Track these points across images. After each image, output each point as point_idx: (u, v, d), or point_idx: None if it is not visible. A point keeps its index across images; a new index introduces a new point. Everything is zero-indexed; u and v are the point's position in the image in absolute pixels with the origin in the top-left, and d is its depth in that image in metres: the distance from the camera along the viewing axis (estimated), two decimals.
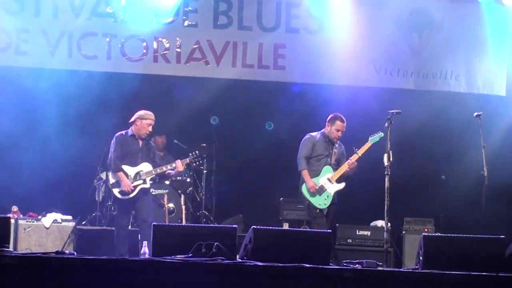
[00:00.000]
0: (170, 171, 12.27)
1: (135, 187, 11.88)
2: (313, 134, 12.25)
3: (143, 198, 12.02)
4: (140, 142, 12.08)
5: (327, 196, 11.88)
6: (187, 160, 12.40)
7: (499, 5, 14.39)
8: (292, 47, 14.71)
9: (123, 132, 12.09)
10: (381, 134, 11.77)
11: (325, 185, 11.87)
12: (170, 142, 13.83)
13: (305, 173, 11.95)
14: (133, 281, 7.94)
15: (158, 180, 12.73)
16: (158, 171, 12.12)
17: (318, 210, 11.90)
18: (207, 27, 14.49)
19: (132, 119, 12.05)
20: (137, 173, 11.97)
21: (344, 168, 11.90)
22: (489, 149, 11.35)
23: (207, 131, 13.91)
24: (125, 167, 11.92)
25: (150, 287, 7.93)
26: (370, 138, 11.93)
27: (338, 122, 12.00)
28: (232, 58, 14.56)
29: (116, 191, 11.94)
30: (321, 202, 11.90)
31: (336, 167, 12.01)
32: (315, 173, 12.00)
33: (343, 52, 14.48)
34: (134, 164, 11.99)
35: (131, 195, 11.89)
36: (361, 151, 11.88)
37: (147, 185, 12.02)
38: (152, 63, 14.36)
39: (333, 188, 11.89)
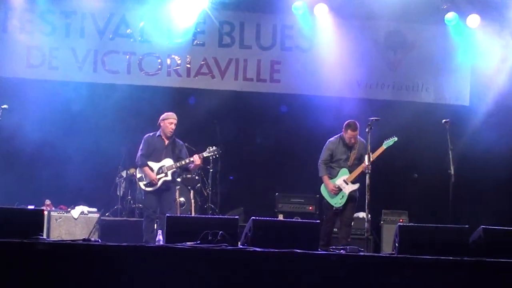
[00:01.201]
0: (190, 165, 12.17)
1: (159, 179, 11.84)
2: (332, 139, 11.90)
3: (166, 194, 11.99)
4: (166, 141, 12.02)
5: (342, 196, 11.67)
6: (204, 153, 12.33)
7: (464, 27, 14.35)
8: (286, 63, 14.72)
9: (151, 133, 12.06)
10: (395, 138, 11.62)
11: (341, 185, 11.66)
12: None
13: (325, 179, 11.68)
14: (149, 264, 7.92)
15: (180, 173, 12.71)
16: (178, 164, 12.02)
17: (334, 209, 11.74)
18: (213, 46, 14.51)
19: (158, 122, 12.05)
20: (160, 168, 11.90)
21: (359, 170, 11.61)
22: (455, 151, 11.31)
23: (213, 136, 13.86)
24: (150, 163, 11.87)
25: (164, 270, 7.90)
26: (384, 142, 11.68)
27: (349, 131, 11.69)
28: (235, 72, 14.58)
29: (142, 184, 11.90)
30: (337, 202, 11.70)
31: (356, 165, 11.77)
32: (334, 175, 11.79)
33: (329, 68, 14.48)
34: (158, 160, 11.92)
35: (156, 187, 11.85)
36: (375, 155, 11.65)
37: (169, 178, 11.93)
38: (165, 77, 14.38)
39: (348, 188, 11.66)
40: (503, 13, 14.25)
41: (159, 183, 11.86)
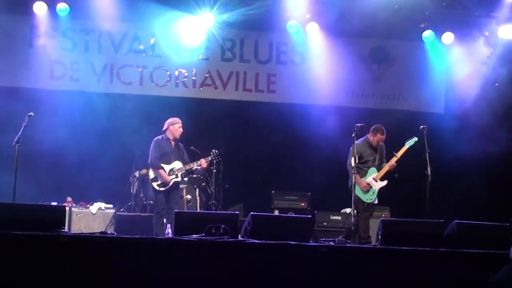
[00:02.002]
0: (197, 167, 12.29)
1: (171, 180, 11.87)
2: (359, 143, 11.59)
3: (174, 192, 12.00)
4: (173, 144, 12.02)
5: (373, 192, 11.62)
6: (209, 158, 12.37)
7: (439, 43, 14.38)
8: (281, 75, 14.75)
9: (159, 137, 12.05)
10: (416, 138, 11.54)
11: (371, 183, 11.60)
12: (186, 148, 13.76)
13: (356, 178, 11.32)
14: (159, 254, 7.97)
15: (187, 174, 12.69)
16: (187, 167, 12.10)
17: (365, 204, 11.66)
18: (216, 60, 14.53)
19: (165, 127, 12.05)
20: (171, 170, 11.91)
21: (386, 169, 11.61)
22: (432, 154, 11.31)
23: (216, 140, 13.88)
24: (162, 165, 11.88)
25: (172, 259, 7.94)
26: (406, 142, 11.64)
27: (379, 135, 11.70)
28: (235, 84, 14.60)
29: (155, 184, 11.86)
30: (368, 197, 11.63)
31: (380, 165, 11.78)
32: (363, 174, 11.70)
33: (320, 79, 14.50)
34: (168, 162, 11.92)
35: (168, 187, 11.86)
36: (399, 154, 11.60)
37: (179, 179, 11.99)
38: (174, 88, 14.39)
39: (378, 185, 11.61)
40: (475, 31, 14.29)
41: (171, 183, 11.89)
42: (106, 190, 13.25)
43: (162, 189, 11.85)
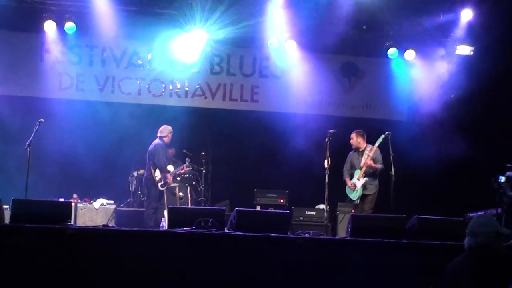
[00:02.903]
0: (180, 171, 12.70)
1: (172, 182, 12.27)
2: (351, 152, 12.03)
3: (167, 190, 12.19)
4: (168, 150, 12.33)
5: (357, 190, 11.69)
6: (186, 164, 12.86)
7: (403, 59, 14.47)
8: (263, 87, 14.78)
9: (161, 142, 12.17)
10: (382, 135, 11.61)
11: (355, 183, 11.69)
12: (179, 152, 13.76)
13: (346, 180, 11.77)
14: (155, 244, 7.96)
15: (175, 176, 12.82)
16: (176, 172, 12.53)
17: (354, 201, 11.78)
18: (206, 73, 14.55)
19: (164, 134, 12.10)
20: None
21: (364, 168, 11.67)
22: (395, 156, 11.38)
23: (205, 144, 13.91)
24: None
25: (167, 248, 7.94)
26: (377, 141, 11.75)
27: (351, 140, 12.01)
28: (223, 94, 14.61)
29: (160, 184, 12.01)
30: (354, 195, 11.72)
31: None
32: (352, 177, 11.81)
33: (297, 91, 14.52)
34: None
35: (166, 187, 12.04)
36: (372, 153, 11.70)
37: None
38: (168, 98, 14.39)
39: (359, 183, 11.65)
40: (434, 49, 14.39)
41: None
42: (108, 188, 13.21)
43: (162, 188, 11.96)
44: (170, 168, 12.37)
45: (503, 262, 5.43)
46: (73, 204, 11.69)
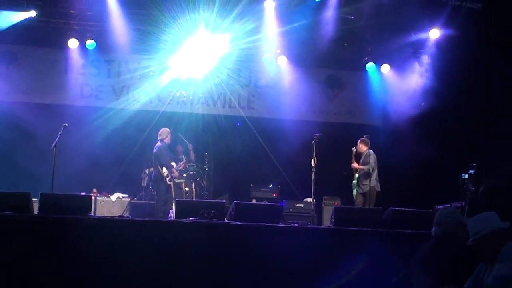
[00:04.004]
0: (179, 168, 12.62)
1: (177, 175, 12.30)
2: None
3: (172, 185, 12.13)
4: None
5: (354, 188, 11.97)
6: (183, 162, 12.81)
7: (379, 72, 14.56)
8: (258, 96, 14.81)
9: (162, 144, 12.11)
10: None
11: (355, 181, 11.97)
12: (186, 149, 13.73)
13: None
14: (164, 232, 7.96)
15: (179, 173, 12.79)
16: (177, 168, 12.46)
17: (354, 196, 11.97)
18: (209, 84, 14.41)
19: (164, 136, 12.08)
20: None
21: (354, 170, 12.01)
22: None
23: (207, 145, 13.93)
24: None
25: (174, 235, 7.94)
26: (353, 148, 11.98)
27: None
28: (223, 102, 14.61)
29: (167, 179, 11.98)
30: (354, 192, 11.96)
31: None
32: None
33: (288, 100, 14.59)
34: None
35: (171, 181, 12.02)
36: (353, 156, 11.94)
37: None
38: (175, 105, 14.29)
39: (354, 181, 11.96)
40: (407, 63, 14.44)
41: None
42: (123, 183, 13.19)
43: (170, 182, 11.93)
44: (173, 164, 12.39)
45: (466, 248, 5.42)
46: (93, 197, 11.66)
